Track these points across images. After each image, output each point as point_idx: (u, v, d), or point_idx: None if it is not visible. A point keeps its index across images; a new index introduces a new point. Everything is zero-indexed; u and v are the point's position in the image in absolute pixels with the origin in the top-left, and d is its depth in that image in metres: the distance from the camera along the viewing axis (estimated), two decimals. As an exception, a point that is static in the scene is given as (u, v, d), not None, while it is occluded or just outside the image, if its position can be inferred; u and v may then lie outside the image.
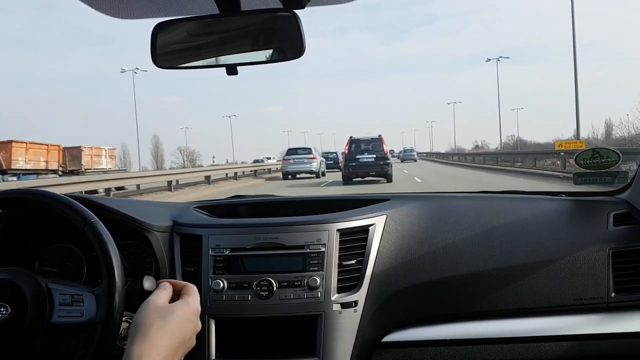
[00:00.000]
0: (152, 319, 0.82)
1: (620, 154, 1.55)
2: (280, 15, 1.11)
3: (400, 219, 1.38)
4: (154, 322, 0.81)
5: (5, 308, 0.95)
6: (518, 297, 1.29)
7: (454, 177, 20.26)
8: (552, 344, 1.28)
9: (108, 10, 1.12)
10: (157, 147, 75.64)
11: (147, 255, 1.34)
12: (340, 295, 1.25)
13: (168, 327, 0.82)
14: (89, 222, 1.04)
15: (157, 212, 1.43)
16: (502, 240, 1.35)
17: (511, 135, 68.37)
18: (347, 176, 17.07)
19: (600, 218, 1.40)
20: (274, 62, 1.17)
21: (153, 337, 0.80)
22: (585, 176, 1.57)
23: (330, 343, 1.22)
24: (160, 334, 0.81)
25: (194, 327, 0.88)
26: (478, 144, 53.96)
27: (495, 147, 54.78)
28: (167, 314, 0.84)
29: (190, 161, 75.99)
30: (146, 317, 0.82)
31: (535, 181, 15.06)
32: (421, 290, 1.31)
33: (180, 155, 78.36)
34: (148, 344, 0.79)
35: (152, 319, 0.82)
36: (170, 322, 0.83)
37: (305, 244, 1.28)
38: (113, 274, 1.01)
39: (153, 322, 0.81)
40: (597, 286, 1.28)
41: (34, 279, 1.00)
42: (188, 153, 78.07)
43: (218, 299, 1.26)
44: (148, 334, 0.80)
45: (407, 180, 19.20)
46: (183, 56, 1.19)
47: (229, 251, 1.29)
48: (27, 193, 1.11)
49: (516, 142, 61.00)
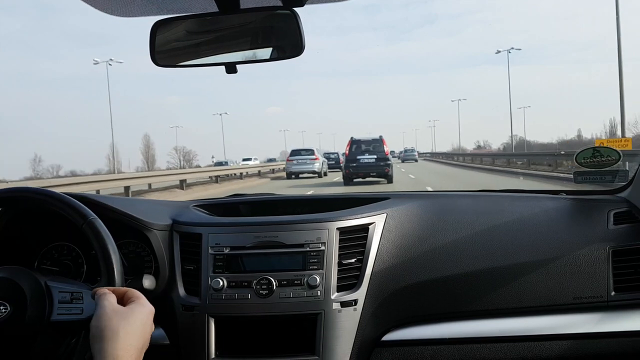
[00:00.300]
0: (116, 321, 0.82)
1: (620, 153, 1.55)
2: (279, 13, 1.11)
3: (400, 217, 1.38)
4: (119, 324, 0.82)
5: (4, 306, 0.95)
6: (518, 295, 1.29)
7: (471, 183, 17.42)
8: (552, 343, 1.27)
9: (107, 9, 1.12)
10: (149, 147, 71.90)
11: (146, 253, 1.34)
12: (340, 293, 1.25)
13: (131, 327, 0.83)
14: (88, 220, 1.04)
15: (157, 210, 1.43)
16: (502, 239, 1.35)
17: (514, 136, 67.77)
18: (348, 177, 17.11)
19: (600, 217, 1.40)
20: (274, 61, 1.16)
21: (122, 339, 0.81)
22: (585, 175, 1.56)
23: (330, 342, 1.22)
24: (129, 335, 0.82)
25: (151, 328, 0.89)
26: (480, 144, 53.54)
27: (498, 148, 54.17)
28: (129, 315, 0.84)
29: (186, 161, 72.87)
30: (109, 320, 0.82)
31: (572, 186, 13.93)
32: (421, 289, 1.30)
33: (176, 155, 75.13)
34: (119, 346, 0.80)
35: (116, 321, 0.82)
36: (133, 323, 0.83)
37: (305, 243, 1.28)
38: (112, 272, 1.01)
39: (118, 324, 0.82)
40: (597, 285, 1.28)
41: (33, 277, 1.00)
42: (184, 153, 75.02)
43: (217, 297, 1.26)
44: (117, 336, 0.80)
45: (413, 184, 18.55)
46: (182, 54, 1.19)
47: (228, 250, 1.29)
48: (27, 191, 1.11)
49: (519, 142, 60.27)
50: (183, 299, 1.29)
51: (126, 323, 0.83)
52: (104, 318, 0.83)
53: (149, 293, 1.25)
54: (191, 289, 1.30)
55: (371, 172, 16.94)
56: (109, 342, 0.80)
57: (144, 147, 71.05)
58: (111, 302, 0.87)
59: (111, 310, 0.85)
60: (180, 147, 75.08)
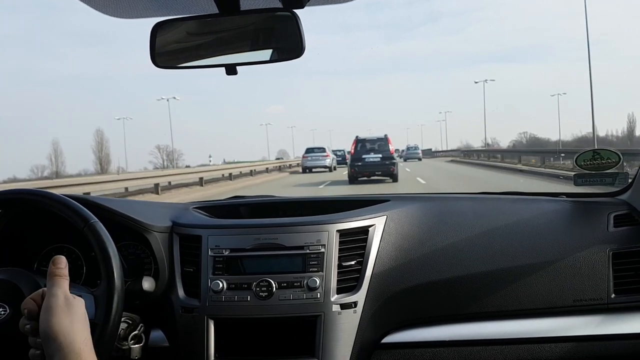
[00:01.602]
0: (65, 314, 0.81)
1: (620, 155, 1.55)
2: (279, 14, 1.11)
3: (400, 219, 1.38)
4: (70, 318, 0.81)
5: (3, 308, 0.95)
6: (518, 298, 1.29)
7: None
8: (552, 345, 1.27)
9: (107, 10, 1.12)
10: (102, 144, 60.43)
11: (146, 255, 1.34)
12: (339, 296, 1.25)
13: (78, 320, 0.82)
14: (89, 223, 1.04)
15: (157, 212, 1.43)
16: (502, 242, 1.35)
17: (523, 133, 64.95)
18: (353, 175, 17.12)
19: (600, 219, 1.40)
20: (274, 62, 1.16)
21: (76, 332, 0.80)
22: (585, 177, 1.56)
23: (330, 344, 1.21)
24: (79, 327, 0.81)
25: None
26: (488, 142, 52.66)
27: (508, 145, 52.88)
28: (70, 308, 0.83)
29: (170, 161, 64.16)
30: (61, 314, 0.81)
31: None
32: (421, 291, 1.30)
33: (158, 154, 66.41)
34: (77, 338, 0.79)
35: (65, 314, 0.81)
36: (76, 315, 0.82)
37: (305, 245, 1.28)
38: (112, 274, 1.01)
39: (70, 317, 0.81)
40: (597, 287, 1.28)
41: (32, 279, 1.00)
42: (168, 152, 66.15)
43: (217, 299, 1.25)
44: (72, 329, 0.80)
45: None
46: (182, 56, 1.19)
47: (228, 252, 1.29)
48: (27, 193, 1.11)
49: (530, 139, 58.51)
50: (183, 300, 1.29)
51: (73, 316, 0.81)
52: (53, 312, 0.81)
53: (149, 295, 1.24)
54: (191, 291, 1.30)
55: (376, 171, 16.97)
56: (66, 337, 0.79)
57: (96, 144, 60.28)
58: (54, 297, 0.83)
59: (56, 304, 0.82)
60: (164, 146, 67.24)
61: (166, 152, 65.95)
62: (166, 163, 63.44)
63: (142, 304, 1.24)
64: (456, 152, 54.16)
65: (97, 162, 59.09)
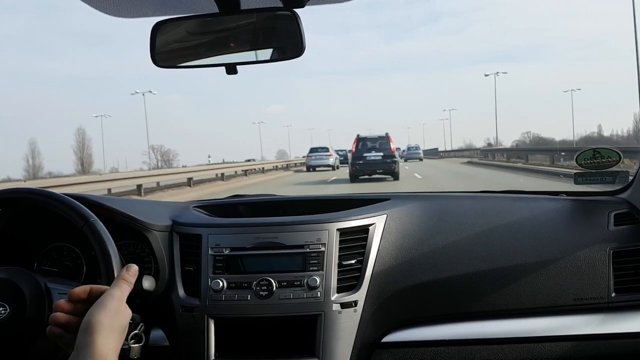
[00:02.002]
0: (110, 317, 0.81)
1: (620, 154, 1.54)
2: (280, 14, 1.11)
3: (401, 218, 1.38)
4: (113, 322, 0.80)
5: (4, 307, 0.95)
6: (518, 297, 1.29)
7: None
8: (552, 344, 1.27)
9: (107, 9, 1.12)
10: (83, 144, 57.87)
11: (146, 254, 1.34)
12: (340, 295, 1.25)
13: (118, 327, 0.81)
14: (89, 222, 1.04)
15: (157, 211, 1.43)
16: (502, 240, 1.35)
17: (527, 132, 63.86)
18: (355, 174, 17.21)
19: (600, 218, 1.40)
20: (274, 62, 1.16)
21: (113, 338, 0.79)
22: (586, 176, 1.56)
23: (330, 343, 1.22)
24: (117, 335, 0.80)
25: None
26: (490, 142, 51.94)
27: (510, 145, 52.00)
28: (118, 314, 0.82)
29: (165, 161, 62.25)
30: (108, 316, 0.80)
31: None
32: (421, 290, 1.30)
33: (152, 154, 62.06)
34: (109, 343, 0.78)
35: (110, 317, 0.81)
36: (119, 322, 0.82)
37: (305, 244, 1.28)
38: (112, 273, 1.01)
39: (112, 321, 0.80)
40: (598, 286, 1.28)
41: (33, 279, 1.00)
42: (162, 152, 64.58)
43: (217, 298, 1.25)
44: (110, 334, 0.79)
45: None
46: (182, 55, 1.19)
47: (228, 251, 1.29)
48: (27, 192, 1.11)
49: (534, 138, 57.35)
50: (183, 300, 1.29)
51: (115, 322, 0.81)
52: (105, 311, 0.80)
53: (149, 294, 1.25)
54: (191, 290, 1.30)
55: (377, 170, 17.07)
56: (100, 339, 0.77)
57: (77, 144, 57.69)
58: (115, 298, 0.84)
59: (112, 305, 0.82)
60: (158, 146, 64.68)
61: (160, 152, 64.53)
62: (160, 164, 61.32)
63: (142, 303, 1.24)
64: (469, 151, 48.92)
65: (79, 162, 57.14)
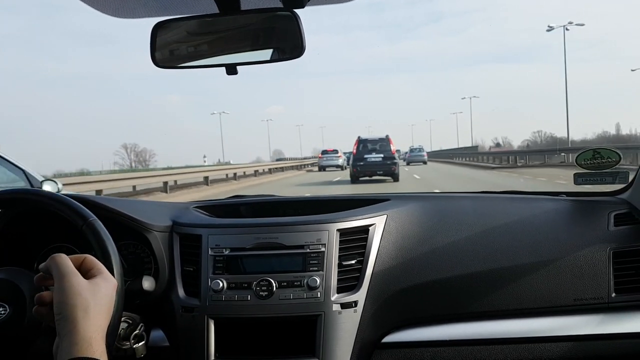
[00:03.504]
0: (84, 298, 0.74)
1: (620, 154, 1.54)
2: (280, 14, 1.11)
3: (401, 218, 1.38)
4: (89, 302, 0.74)
5: (4, 308, 0.95)
6: (518, 297, 1.29)
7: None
8: (552, 345, 1.27)
9: (108, 10, 1.12)
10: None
11: (146, 255, 1.34)
12: (340, 295, 1.25)
13: (100, 306, 0.76)
14: (88, 221, 1.04)
15: (157, 212, 1.43)
16: (502, 241, 1.35)
17: (538, 132, 62.88)
18: (355, 175, 17.39)
19: (601, 218, 1.40)
20: (274, 62, 1.16)
21: (93, 317, 0.73)
22: (585, 176, 1.56)
23: (330, 343, 1.21)
24: (98, 313, 0.75)
25: (115, 303, 0.82)
26: (499, 142, 51.43)
27: (519, 145, 51.20)
28: (96, 291, 0.76)
29: (140, 162, 58.87)
30: (78, 296, 0.74)
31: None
32: (421, 291, 1.30)
33: (125, 154, 60.04)
34: (91, 324, 0.72)
35: (84, 298, 0.74)
36: (100, 300, 0.76)
37: (305, 244, 1.28)
38: (112, 273, 1.01)
39: (88, 301, 0.74)
40: (598, 286, 1.28)
41: (32, 279, 1.00)
42: (137, 152, 61.41)
43: (217, 299, 1.25)
44: (88, 314, 0.73)
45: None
46: (183, 55, 1.19)
47: (228, 251, 1.29)
48: (27, 193, 1.11)
49: (546, 138, 56.25)
50: (183, 300, 1.29)
51: (95, 301, 0.75)
52: (71, 293, 0.74)
53: (149, 294, 1.25)
54: (191, 291, 1.30)
55: (378, 171, 17.25)
56: (80, 322, 0.72)
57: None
58: (77, 276, 0.76)
59: (80, 286, 0.75)
60: (131, 145, 61.99)
61: (135, 151, 61.17)
62: (135, 164, 57.92)
63: (142, 303, 1.24)
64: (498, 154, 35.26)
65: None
